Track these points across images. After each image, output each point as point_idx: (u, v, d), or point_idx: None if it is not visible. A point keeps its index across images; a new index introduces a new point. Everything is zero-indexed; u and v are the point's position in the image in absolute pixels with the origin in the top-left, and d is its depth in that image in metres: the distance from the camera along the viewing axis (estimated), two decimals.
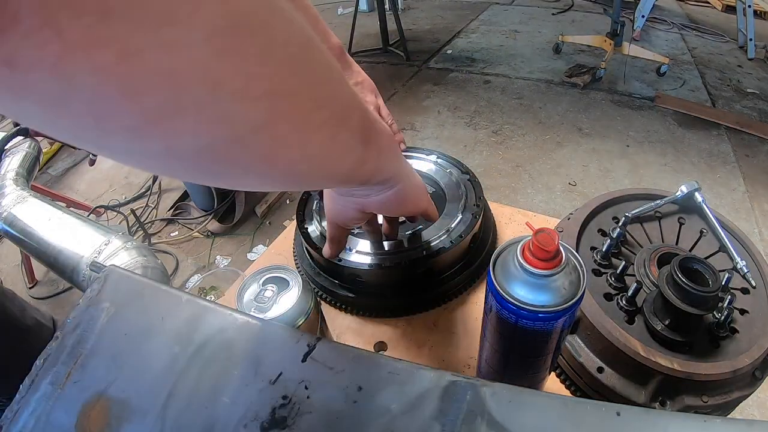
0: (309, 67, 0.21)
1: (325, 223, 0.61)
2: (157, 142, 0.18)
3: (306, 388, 0.31)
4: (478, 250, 0.62)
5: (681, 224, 0.55)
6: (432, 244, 0.57)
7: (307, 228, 0.61)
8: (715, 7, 4.15)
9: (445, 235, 0.57)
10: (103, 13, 0.14)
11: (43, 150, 1.22)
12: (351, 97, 0.27)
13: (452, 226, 0.59)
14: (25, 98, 0.15)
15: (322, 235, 0.60)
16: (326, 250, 0.49)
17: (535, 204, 2.14)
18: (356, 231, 0.59)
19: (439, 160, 0.70)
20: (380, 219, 0.53)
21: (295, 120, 0.22)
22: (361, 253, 0.57)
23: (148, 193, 2.39)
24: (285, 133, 0.21)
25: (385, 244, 0.57)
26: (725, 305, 0.44)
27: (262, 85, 0.19)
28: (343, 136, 0.26)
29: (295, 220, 0.64)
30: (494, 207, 0.72)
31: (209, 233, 2.17)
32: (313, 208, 0.64)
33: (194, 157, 0.20)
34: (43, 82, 0.14)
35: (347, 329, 0.58)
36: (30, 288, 1.98)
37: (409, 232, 0.58)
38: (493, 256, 0.35)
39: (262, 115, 0.20)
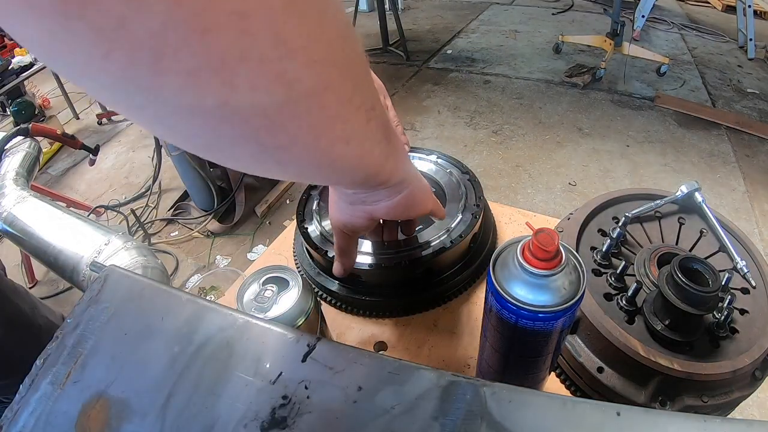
0: (353, 46, 0.22)
1: (324, 223, 0.61)
2: (213, 93, 0.17)
3: (306, 388, 0.31)
4: (478, 250, 0.62)
5: (681, 224, 0.55)
6: (432, 244, 0.57)
7: (307, 228, 0.61)
8: (715, 7, 4.15)
9: (445, 235, 0.57)
10: None
11: (43, 150, 1.22)
12: (375, 90, 0.27)
13: (452, 226, 0.59)
14: (79, 18, 0.13)
15: (322, 235, 0.60)
16: (337, 267, 0.47)
17: (535, 204, 2.14)
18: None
19: (439, 160, 0.70)
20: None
21: (340, 94, 0.21)
22: (361, 253, 0.57)
23: (148, 193, 2.39)
24: (332, 105, 0.21)
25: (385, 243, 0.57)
26: (725, 305, 0.44)
27: (319, 51, 0.19)
28: (373, 125, 0.26)
29: (295, 220, 0.64)
30: (494, 207, 0.72)
31: (209, 233, 2.17)
32: (313, 208, 0.64)
33: (245, 119, 0.19)
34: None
35: (347, 329, 0.58)
36: (30, 288, 1.98)
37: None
38: (493, 256, 0.35)
39: (316, 80, 0.19)
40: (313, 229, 0.61)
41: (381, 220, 0.51)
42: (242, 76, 0.17)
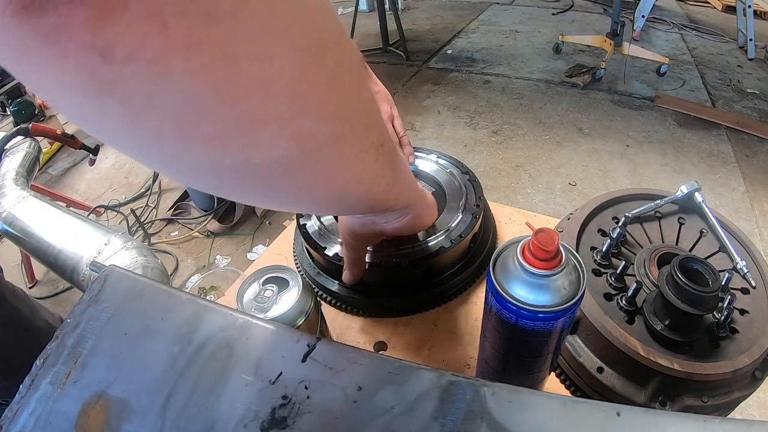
0: (364, 90, 0.23)
1: (324, 219, 0.61)
2: (235, 153, 0.18)
3: (306, 388, 0.31)
4: (478, 250, 0.62)
5: (681, 224, 0.55)
6: (432, 244, 0.57)
7: (307, 228, 0.61)
8: (715, 7, 4.15)
9: (445, 235, 0.57)
10: (208, 15, 0.14)
11: (43, 150, 1.22)
12: (384, 125, 0.28)
13: (452, 226, 0.59)
14: (109, 95, 0.14)
15: (320, 231, 0.60)
16: (347, 275, 0.51)
17: (535, 204, 2.14)
18: None
19: (439, 160, 0.70)
20: None
21: (353, 140, 0.23)
22: None
23: (148, 193, 2.40)
24: (345, 151, 0.23)
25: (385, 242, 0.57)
26: (725, 305, 0.44)
27: (333, 105, 0.20)
28: (382, 160, 0.27)
29: (295, 220, 0.64)
30: (494, 207, 0.72)
31: (209, 233, 2.17)
32: None
33: (264, 172, 0.20)
34: (136, 77, 0.14)
35: (347, 329, 0.58)
36: (30, 288, 1.98)
37: None
38: (493, 256, 0.35)
39: (330, 133, 0.20)
40: (311, 224, 0.61)
41: None
42: (262, 135, 0.18)
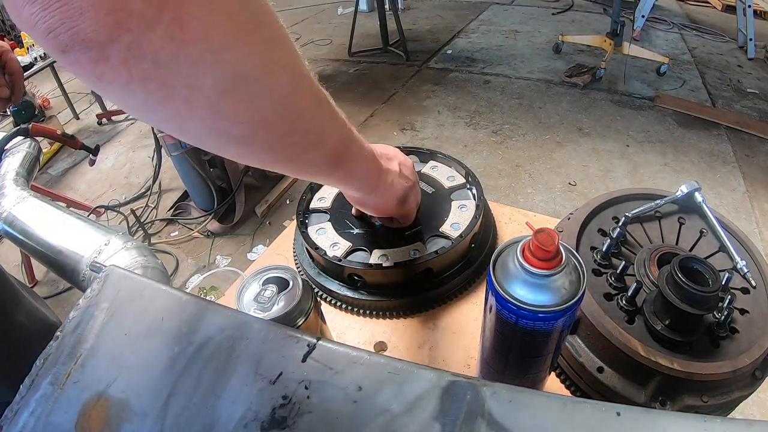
0: (288, 109, 0.30)
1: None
2: (174, 132, 0.29)
3: (306, 388, 0.31)
4: (478, 250, 0.62)
5: (681, 224, 0.55)
6: (432, 244, 0.57)
7: (307, 228, 0.61)
8: (715, 7, 4.15)
9: (445, 235, 0.57)
10: (155, 62, 0.22)
11: (43, 150, 1.22)
12: (331, 131, 0.36)
13: (452, 226, 0.59)
14: (108, 93, 0.24)
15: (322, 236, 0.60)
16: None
17: (535, 204, 2.14)
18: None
19: (439, 160, 0.70)
20: None
21: (269, 139, 0.31)
22: (361, 253, 0.57)
23: (148, 193, 2.40)
24: (261, 144, 0.31)
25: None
26: (725, 305, 0.44)
27: (247, 115, 0.28)
28: (311, 156, 0.36)
29: (295, 220, 0.64)
30: (494, 207, 0.72)
31: (209, 233, 2.17)
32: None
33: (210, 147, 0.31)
34: (118, 91, 0.24)
35: (347, 329, 0.58)
36: (30, 288, 1.98)
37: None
38: (493, 256, 0.35)
39: (244, 132, 0.29)
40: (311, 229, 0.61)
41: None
42: (188, 128, 0.28)
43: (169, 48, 0.22)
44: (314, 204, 0.65)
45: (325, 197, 0.65)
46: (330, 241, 0.59)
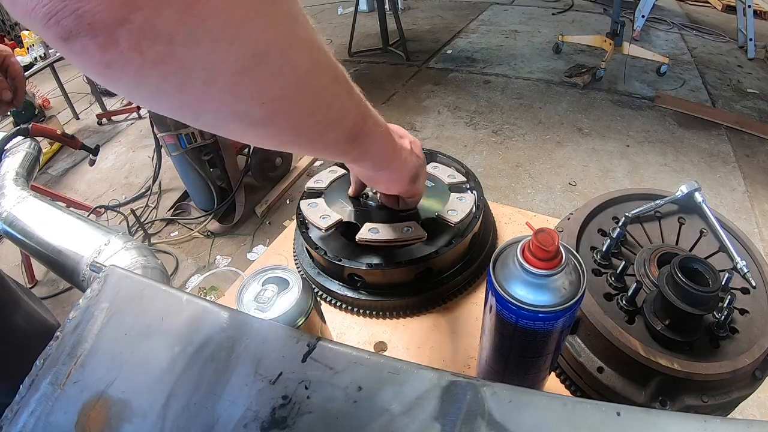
0: (311, 85, 0.29)
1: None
2: (189, 118, 0.27)
3: (306, 388, 0.31)
4: (478, 250, 0.62)
5: (681, 224, 0.55)
6: (432, 243, 0.57)
7: (307, 228, 0.61)
8: (715, 7, 4.15)
9: (445, 235, 0.57)
10: (170, 42, 0.20)
11: (43, 150, 1.22)
12: (349, 107, 0.34)
13: (452, 226, 0.58)
14: (115, 82, 0.22)
15: (322, 236, 0.60)
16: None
17: (535, 204, 2.14)
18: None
19: (439, 160, 0.70)
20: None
21: (291, 119, 0.29)
22: (361, 252, 0.57)
23: (148, 193, 2.40)
24: (283, 124, 0.29)
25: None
26: (725, 305, 0.44)
27: (266, 96, 0.26)
28: (332, 135, 0.34)
29: (295, 220, 0.64)
30: (494, 207, 0.72)
31: (209, 233, 2.17)
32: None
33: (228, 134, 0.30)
34: (129, 78, 0.21)
35: (347, 329, 0.58)
36: (30, 288, 1.98)
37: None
38: (493, 256, 0.35)
39: (266, 113, 0.27)
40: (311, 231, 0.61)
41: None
42: (206, 111, 0.26)
43: (187, 24, 0.20)
44: (310, 185, 0.65)
45: (321, 180, 0.65)
46: (320, 213, 0.58)
